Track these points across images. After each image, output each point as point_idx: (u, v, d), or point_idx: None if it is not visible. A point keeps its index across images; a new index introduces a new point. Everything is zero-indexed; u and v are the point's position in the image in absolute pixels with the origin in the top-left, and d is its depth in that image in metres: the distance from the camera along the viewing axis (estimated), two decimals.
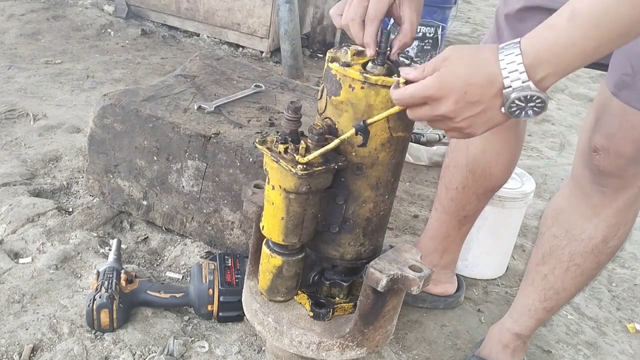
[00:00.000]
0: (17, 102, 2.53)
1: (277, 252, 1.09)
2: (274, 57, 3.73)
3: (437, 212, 1.63)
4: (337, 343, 1.11)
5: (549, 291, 1.36)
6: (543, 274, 1.36)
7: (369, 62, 1.00)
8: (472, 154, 1.49)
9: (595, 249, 1.27)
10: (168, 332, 1.42)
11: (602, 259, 1.29)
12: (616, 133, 1.12)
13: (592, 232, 1.25)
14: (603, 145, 1.14)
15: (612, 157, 1.14)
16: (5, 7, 3.67)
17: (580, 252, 1.28)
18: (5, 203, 1.80)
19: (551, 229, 1.34)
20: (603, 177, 1.19)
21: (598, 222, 1.24)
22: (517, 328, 1.45)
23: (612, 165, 1.15)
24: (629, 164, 1.14)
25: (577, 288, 1.35)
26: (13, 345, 1.33)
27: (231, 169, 1.60)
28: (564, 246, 1.30)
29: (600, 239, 1.26)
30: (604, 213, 1.23)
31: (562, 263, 1.31)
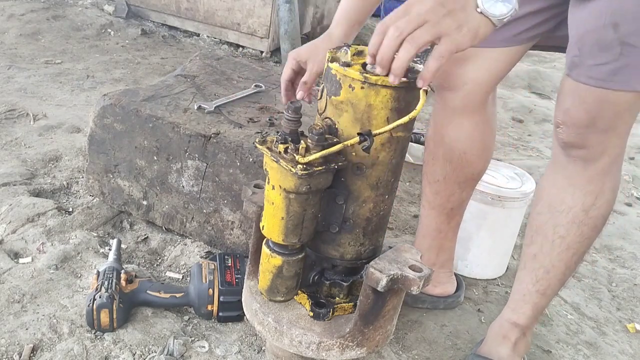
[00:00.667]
0: (17, 102, 2.53)
1: (277, 252, 1.09)
2: (274, 57, 3.73)
3: (425, 208, 1.65)
4: (337, 343, 1.11)
5: (539, 271, 1.38)
6: (532, 254, 1.39)
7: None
8: (447, 143, 1.51)
9: (575, 219, 1.31)
10: (168, 332, 1.42)
11: (586, 231, 1.32)
12: (570, 107, 1.23)
13: (570, 201, 1.31)
14: (562, 119, 1.25)
15: (571, 128, 1.24)
16: (5, 7, 3.67)
17: (562, 224, 1.32)
18: (5, 203, 1.80)
19: (536, 207, 1.39)
20: (569, 148, 1.28)
21: (574, 191, 1.30)
22: (515, 316, 1.46)
23: (572, 136, 1.25)
24: (587, 132, 1.22)
25: (565, 265, 1.36)
26: (13, 345, 1.33)
27: (231, 169, 1.60)
28: (547, 220, 1.35)
29: (579, 208, 1.30)
30: (578, 182, 1.29)
31: (547, 238, 1.35)
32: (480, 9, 0.91)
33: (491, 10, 0.91)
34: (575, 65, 1.21)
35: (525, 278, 1.42)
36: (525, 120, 3.57)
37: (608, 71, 1.15)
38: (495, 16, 0.91)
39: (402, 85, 0.97)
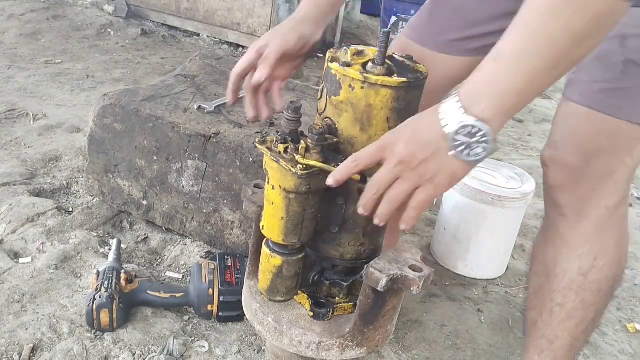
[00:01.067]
0: (17, 102, 2.53)
1: (277, 252, 1.09)
2: None
3: None
4: (337, 343, 1.11)
5: (541, 340, 1.23)
6: (534, 320, 1.25)
7: (369, 62, 1.00)
8: None
9: (573, 284, 1.14)
10: (168, 332, 1.42)
11: (587, 297, 1.14)
12: (559, 140, 1.07)
13: (565, 264, 1.14)
14: (548, 155, 1.09)
15: (558, 167, 1.07)
16: (5, 7, 3.67)
17: (559, 290, 1.16)
18: (5, 203, 1.80)
19: (533, 267, 1.26)
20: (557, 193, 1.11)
21: (569, 252, 1.13)
22: None
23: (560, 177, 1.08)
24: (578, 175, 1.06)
25: (570, 335, 1.19)
26: (13, 345, 1.33)
27: (231, 169, 1.60)
28: (544, 284, 1.20)
29: (575, 272, 1.13)
30: (572, 240, 1.12)
31: (546, 304, 1.20)
32: (453, 152, 0.79)
33: (464, 156, 0.79)
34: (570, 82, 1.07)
35: (530, 348, 1.26)
36: (525, 120, 3.57)
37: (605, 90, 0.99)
38: (469, 160, 0.80)
39: (402, 85, 0.97)
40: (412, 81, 0.99)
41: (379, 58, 0.98)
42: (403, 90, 0.98)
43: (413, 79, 0.99)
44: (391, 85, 0.97)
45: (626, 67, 0.96)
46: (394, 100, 0.98)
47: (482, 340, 1.65)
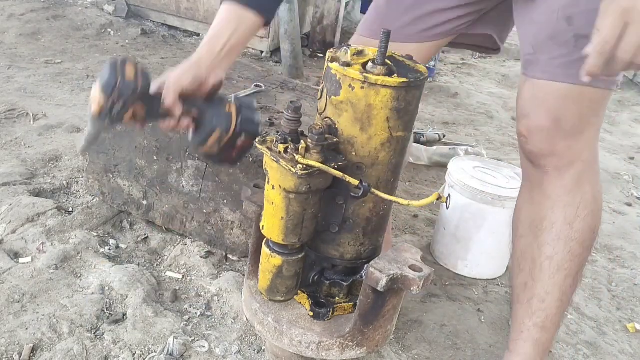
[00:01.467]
0: (17, 102, 2.53)
1: (277, 252, 1.09)
2: (274, 57, 3.74)
3: None
4: (337, 343, 1.11)
5: (532, 300, 1.27)
6: (522, 283, 1.29)
7: (369, 62, 1.00)
8: None
9: (561, 234, 1.22)
10: (168, 332, 1.42)
11: (574, 247, 1.22)
12: (530, 111, 1.18)
13: (551, 216, 1.23)
14: (525, 127, 1.20)
15: (535, 134, 1.18)
16: (5, 6, 3.67)
17: (547, 242, 1.23)
18: (5, 203, 1.80)
19: (517, 232, 1.31)
20: (538, 159, 1.21)
21: (552, 204, 1.22)
22: (517, 358, 1.33)
23: (538, 143, 1.18)
24: (553, 136, 1.16)
25: (561, 290, 1.25)
26: (13, 345, 1.33)
27: (231, 169, 1.60)
28: (531, 242, 1.26)
29: (562, 221, 1.22)
30: (554, 193, 1.22)
31: (535, 262, 1.26)
32: None
33: None
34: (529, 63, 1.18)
35: (520, 312, 1.31)
36: None
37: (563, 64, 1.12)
38: None
39: (402, 85, 0.97)
40: (412, 81, 0.99)
41: (379, 58, 0.98)
42: (403, 90, 0.98)
43: (413, 78, 0.99)
44: (391, 85, 0.97)
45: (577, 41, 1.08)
46: (394, 100, 0.98)
47: (482, 340, 1.65)
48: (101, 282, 1.56)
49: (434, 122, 3.29)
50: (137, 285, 1.54)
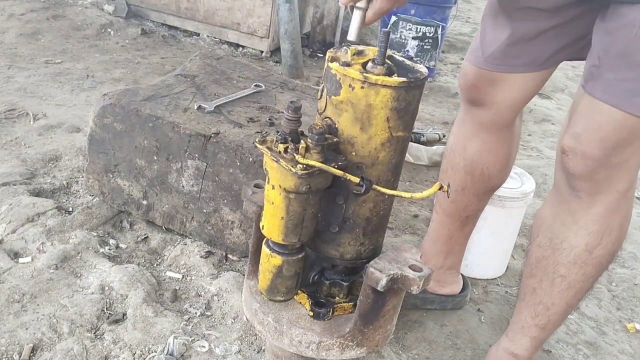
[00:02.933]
0: (17, 102, 2.53)
1: (277, 252, 1.09)
2: (273, 57, 3.73)
3: (438, 214, 1.63)
4: (337, 343, 1.11)
5: (538, 306, 1.31)
6: (532, 287, 1.32)
7: (369, 62, 1.00)
8: (470, 156, 1.48)
9: (578, 259, 1.21)
10: (168, 332, 1.42)
11: (589, 271, 1.22)
12: (582, 133, 1.10)
13: (573, 240, 1.21)
14: (570, 145, 1.12)
15: (579, 158, 1.11)
16: (5, 6, 3.67)
17: (563, 263, 1.23)
18: (5, 202, 1.80)
19: (537, 238, 1.31)
20: (575, 180, 1.16)
21: (578, 230, 1.19)
22: (513, 347, 1.40)
23: (580, 167, 1.12)
24: (597, 166, 1.10)
25: (567, 303, 1.28)
26: (13, 344, 1.33)
27: (231, 169, 1.60)
28: (549, 256, 1.26)
29: (582, 248, 1.20)
30: (583, 220, 1.18)
31: (547, 275, 1.27)
32: None
33: None
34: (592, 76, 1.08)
35: (524, 311, 1.36)
36: (525, 120, 3.56)
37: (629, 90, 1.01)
38: None
39: (402, 85, 0.97)
40: (411, 81, 0.99)
41: (379, 58, 0.98)
42: (403, 90, 0.98)
43: (413, 78, 0.99)
44: (391, 85, 0.97)
45: None
46: (394, 100, 0.98)
47: (482, 340, 1.65)
48: (101, 282, 1.56)
49: (434, 122, 3.29)
50: (137, 285, 1.54)
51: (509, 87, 1.36)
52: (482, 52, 1.37)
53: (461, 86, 1.45)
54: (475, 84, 1.39)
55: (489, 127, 1.44)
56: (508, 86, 1.35)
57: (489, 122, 1.43)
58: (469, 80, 1.41)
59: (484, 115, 1.43)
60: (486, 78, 1.36)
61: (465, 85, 1.43)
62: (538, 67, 1.32)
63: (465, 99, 1.46)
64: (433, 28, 3.80)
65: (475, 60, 1.39)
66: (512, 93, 1.37)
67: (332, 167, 0.98)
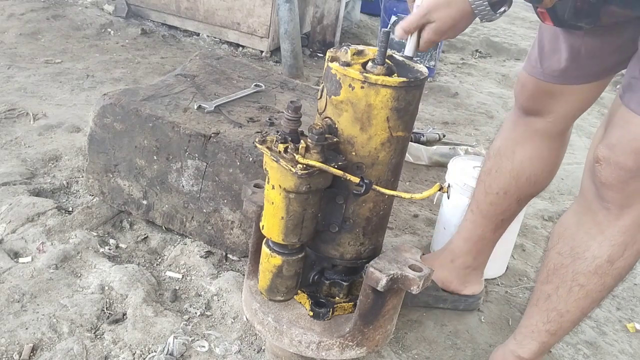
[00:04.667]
0: (17, 102, 2.53)
1: (277, 252, 1.09)
2: (273, 57, 3.73)
3: (474, 214, 1.61)
4: (337, 342, 1.11)
5: (551, 312, 1.31)
6: (547, 293, 1.31)
7: (369, 62, 1.00)
8: (519, 160, 1.48)
9: (599, 269, 1.21)
10: (168, 332, 1.42)
11: (608, 281, 1.22)
12: (617, 143, 1.10)
13: (597, 250, 1.20)
14: (604, 155, 1.12)
15: (613, 169, 1.11)
16: (5, 6, 3.66)
17: (583, 272, 1.22)
18: (5, 202, 1.80)
19: (556, 245, 1.30)
20: (605, 190, 1.15)
21: (602, 240, 1.19)
22: (520, 350, 1.40)
23: (612, 177, 1.12)
24: (630, 178, 1.10)
25: (581, 311, 1.28)
26: (13, 344, 1.33)
27: (231, 169, 1.60)
28: (568, 264, 1.25)
29: (605, 259, 1.19)
30: (608, 231, 1.18)
31: (565, 282, 1.26)
32: None
33: None
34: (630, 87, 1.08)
35: (536, 316, 1.35)
36: None
37: None
38: None
39: (402, 84, 0.97)
40: (411, 81, 0.99)
41: (379, 58, 0.98)
42: (403, 89, 0.98)
43: (413, 78, 0.99)
44: (391, 85, 0.97)
45: None
46: (394, 100, 0.98)
47: (482, 340, 1.65)
48: (101, 282, 1.56)
49: (434, 122, 3.29)
50: (137, 285, 1.55)
51: (568, 99, 1.37)
52: (541, 64, 1.37)
53: (517, 95, 1.46)
54: (534, 95, 1.40)
55: (542, 134, 1.44)
56: (567, 98, 1.37)
57: (543, 129, 1.44)
58: (527, 91, 1.42)
59: (539, 123, 1.43)
60: (545, 90, 1.37)
61: (522, 96, 1.44)
62: (598, 78, 1.33)
63: (521, 107, 1.46)
64: None
65: (534, 71, 1.39)
66: (571, 104, 1.38)
67: (332, 167, 0.98)
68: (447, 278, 1.69)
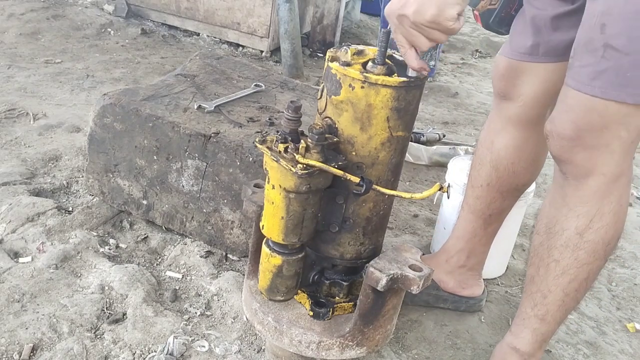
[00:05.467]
0: (17, 102, 2.53)
1: (277, 252, 1.09)
2: (273, 57, 3.73)
3: (464, 211, 1.64)
4: (337, 342, 1.11)
5: (536, 294, 1.33)
6: (531, 276, 1.35)
7: (369, 62, 1.00)
8: (496, 150, 1.51)
9: (570, 242, 1.24)
10: (168, 332, 1.42)
11: (581, 256, 1.24)
12: (557, 116, 1.18)
13: (564, 222, 1.24)
14: (549, 129, 1.20)
15: (556, 140, 1.19)
16: (5, 6, 3.66)
17: (556, 246, 1.26)
18: (5, 202, 1.80)
19: (536, 227, 1.35)
20: (559, 163, 1.22)
21: (567, 212, 1.23)
22: (516, 341, 1.41)
23: (557, 148, 1.19)
24: (573, 146, 1.16)
25: (564, 292, 1.29)
26: (13, 344, 1.33)
27: (231, 169, 1.60)
28: (543, 242, 1.30)
29: (572, 231, 1.23)
30: (571, 202, 1.23)
31: (543, 261, 1.30)
32: None
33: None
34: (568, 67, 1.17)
35: (525, 301, 1.38)
36: None
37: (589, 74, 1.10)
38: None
39: (402, 84, 0.97)
40: (411, 81, 0.99)
41: (379, 57, 0.98)
42: (403, 89, 0.98)
43: (413, 78, 0.99)
44: (391, 85, 0.97)
45: (605, 50, 1.06)
46: (394, 100, 0.99)
47: (482, 340, 1.65)
48: (101, 282, 1.56)
49: (434, 122, 3.29)
50: (137, 285, 1.55)
51: (533, 79, 1.40)
52: (511, 42, 1.42)
53: (493, 79, 1.50)
54: (504, 75, 1.44)
55: (516, 122, 1.47)
56: (532, 78, 1.39)
57: (516, 116, 1.46)
58: (499, 71, 1.46)
59: (511, 109, 1.46)
60: (513, 69, 1.41)
61: (495, 77, 1.48)
62: (558, 58, 1.35)
63: (496, 92, 1.50)
64: None
65: (504, 50, 1.44)
66: (536, 85, 1.40)
67: (332, 167, 0.98)
68: (443, 278, 1.69)
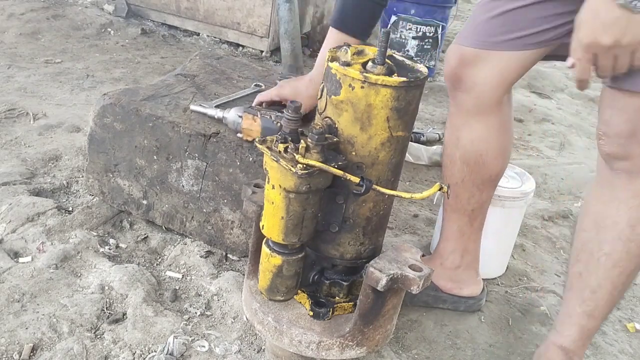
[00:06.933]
0: (17, 102, 2.53)
1: (277, 252, 1.09)
2: (273, 57, 3.73)
3: (446, 212, 1.65)
4: (337, 342, 1.11)
5: (585, 291, 1.34)
6: (578, 273, 1.35)
7: (369, 62, 1.00)
8: (462, 145, 1.51)
9: (621, 234, 1.26)
10: (168, 332, 1.42)
11: (633, 248, 1.27)
12: (609, 118, 1.22)
13: (615, 216, 1.27)
14: (604, 131, 1.24)
15: (613, 139, 1.22)
16: (5, 6, 3.66)
17: (607, 240, 1.28)
18: (5, 202, 1.80)
19: (581, 224, 1.36)
20: (612, 160, 1.25)
21: (619, 205, 1.26)
22: (561, 339, 1.40)
23: (614, 147, 1.23)
24: (630, 143, 1.20)
25: (613, 285, 1.31)
26: (13, 344, 1.33)
27: (231, 169, 1.60)
28: (593, 237, 1.31)
29: (625, 223, 1.26)
30: (623, 195, 1.26)
31: (592, 256, 1.31)
32: None
33: None
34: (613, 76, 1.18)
35: (571, 299, 1.38)
36: (525, 119, 3.57)
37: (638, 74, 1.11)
38: None
39: (402, 84, 0.97)
40: (411, 80, 0.99)
41: (379, 57, 0.98)
42: (403, 89, 0.98)
43: (413, 78, 0.99)
44: (391, 85, 0.97)
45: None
46: (394, 100, 0.99)
47: (482, 340, 1.65)
48: (101, 282, 1.56)
49: (434, 122, 3.29)
50: (137, 285, 1.55)
51: (488, 67, 1.39)
52: (467, 30, 1.42)
53: (445, 71, 1.49)
54: (457, 64, 1.43)
55: (474, 113, 1.46)
56: (488, 65, 1.39)
57: (473, 107, 1.45)
58: (451, 60, 1.44)
59: (467, 101, 1.45)
60: (467, 56, 1.40)
61: (447, 67, 1.46)
62: (519, 47, 1.36)
63: (449, 84, 1.48)
64: (433, 28, 3.80)
65: (458, 39, 1.44)
66: (491, 73, 1.40)
67: (332, 167, 0.98)
68: (441, 282, 1.69)
